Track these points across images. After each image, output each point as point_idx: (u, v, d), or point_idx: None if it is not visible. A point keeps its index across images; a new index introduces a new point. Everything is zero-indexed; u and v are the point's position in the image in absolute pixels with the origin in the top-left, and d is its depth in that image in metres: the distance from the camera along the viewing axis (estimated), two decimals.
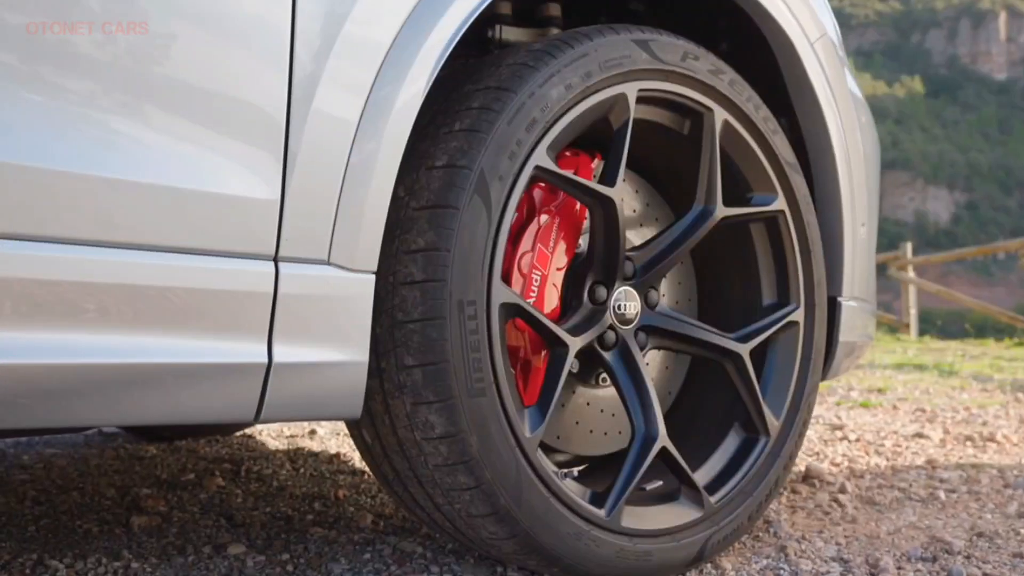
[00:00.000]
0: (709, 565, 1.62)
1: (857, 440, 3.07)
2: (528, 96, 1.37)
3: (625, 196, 1.73)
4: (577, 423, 1.65)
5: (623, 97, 1.48)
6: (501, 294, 1.34)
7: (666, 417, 1.80)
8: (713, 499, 1.59)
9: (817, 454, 2.82)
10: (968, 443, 3.01)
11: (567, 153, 1.60)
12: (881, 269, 12.48)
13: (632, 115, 1.50)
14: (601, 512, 1.45)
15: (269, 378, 1.15)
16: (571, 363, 1.44)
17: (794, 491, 2.27)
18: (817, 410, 3.89)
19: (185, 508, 2.08)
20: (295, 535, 1.83)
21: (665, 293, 1.78)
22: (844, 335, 1.90)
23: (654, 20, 1.82)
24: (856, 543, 1.77)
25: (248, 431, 3.17)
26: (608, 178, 1.49)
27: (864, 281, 1.98)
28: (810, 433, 3.23)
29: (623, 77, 1.48)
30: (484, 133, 1.33)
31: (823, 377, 1.91)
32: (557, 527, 1.38)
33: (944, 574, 1.58)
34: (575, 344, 1.44)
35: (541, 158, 1.38)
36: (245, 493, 2.24)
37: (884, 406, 4.01)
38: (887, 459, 2.73)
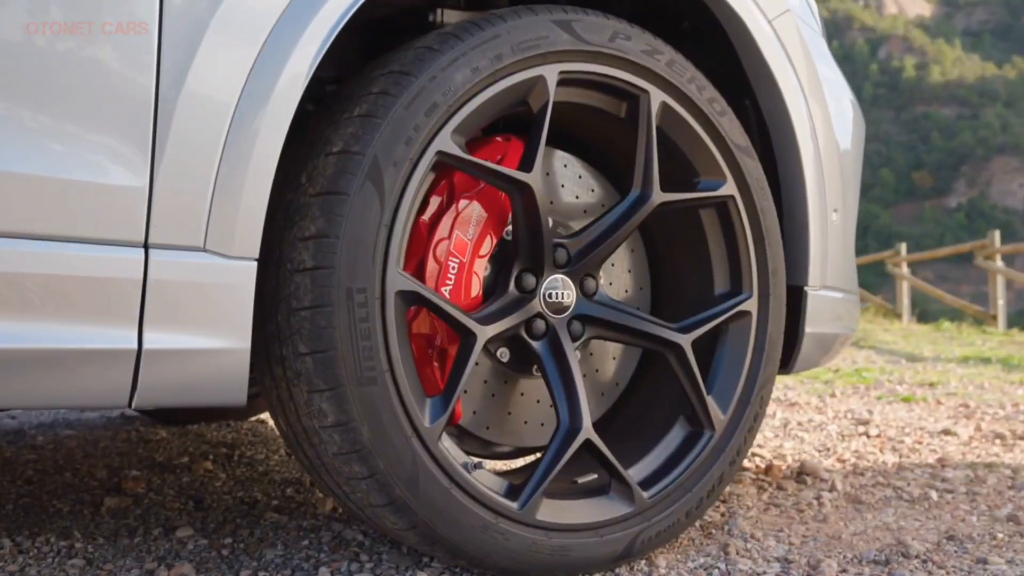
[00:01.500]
0: (643, 562, 1.57)
1: (877, 436, 2.95)
2: (429, 80, 1.34)
3: (566, 182, 1.69)
4: (510, 413, 1.61)
5: (541, 79, 1.44)
6: (397, 282, 1.32)
7: (615, 409, 1.77)
8: (646, 494, 1.54)
9: (828, 450, 2.71)
10: (997, 441, 2.86)
11: (498, 138, 1.57)
12: (968, 258, 11.96)
13: (552, 98, 1.45)
14: (514, 505, 1.42)
15: (140, 364, 1.16)
16: (478, 353, 1.40)
17: (780, 488, 2.19)
18: (852, 404, 3.75)
19: (162, 491, 2.12)
20: (250, 520, 1.85)
21: (612, 281, 1.73)
22: (813, 326, 1.81)
23: (618, 4, 1.76)
24: (811, 543, 1.69)
25: (262, 416, 3.23)
26: (525, 163, 1.45)
27: (840, 270, 1.89)
28: (831, 428, 3.12)
29: (541, 59, 1.44)
30: (380, 118, 1.31)
31: (788, 370, 1.84)
32: (460, 519, 1.36)
33: None
34: (484, 333, 1.41)
35: (444, 143, 1.35)
36: (228, 477, 2.28)
37: (928, 401, 3.83)
38: (900, 456, 2.61)
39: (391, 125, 1.31)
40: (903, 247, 13.44)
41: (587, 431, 1.49)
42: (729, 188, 1.64)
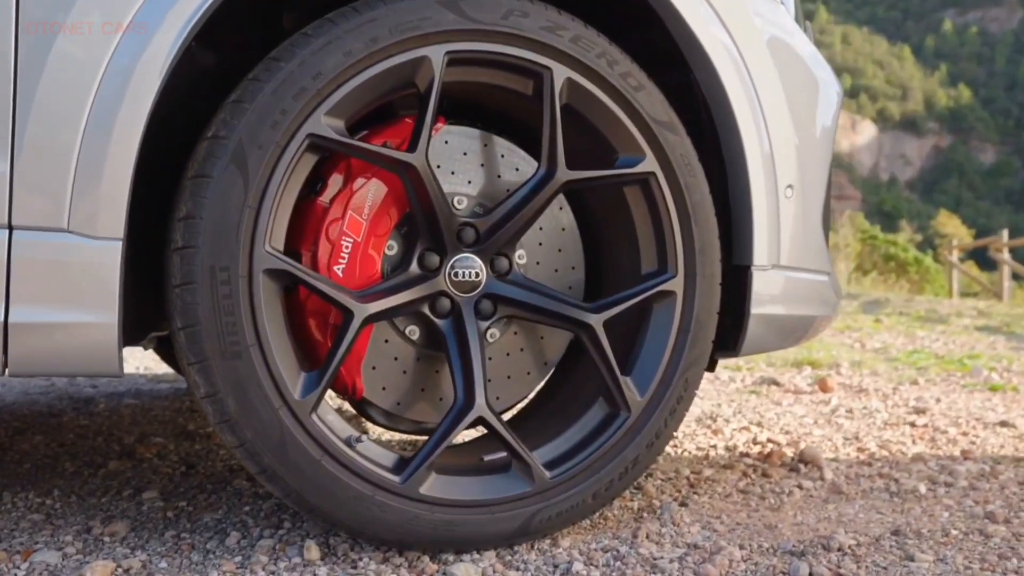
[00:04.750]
0: (547, 541, 1.57)
1: (924, 426, 2.77)
2: (298, 65, 1.38)
3: (487, 161, 1.69)
4: (423, 390, 1.64)
5: (426, 60, 1.45)
6: (265, 260, 1.37)
7: (546, 389, 1.77)
8: (550, 474, 1.54)
9: (856, 438, 2.58)
10: None
11: (407, 119, 1.59)
12: None
13: (438, 79, 1.46)
14: (396, 478, 1.45)
15: (8, 335, 1.27)
16: (355, 329, 1.43)
17: (765, 475, 2.11)
18: (928, 392, 3.53)
19: (167, 456, 2.28)
20: (218, 485, 1.97)
21: (540, 260, 1.71)
22: (763, 307, 1.74)
23: None
24: (737, 531, 1.64)
25: None
26: (411, 144, 1.47)
27: (802, 249, 1.80)
28: (880, 416, 2.96)
29: (423, 40, 1.45)
30: (247, 103, 1.36)
31: (735, 352, 1.77)
32: (332, 490, 1.41)
33: (784, 569, 1.43)
34: (363, 310, 1.44)
35: (316, 126, 1.39)
36: None
37: (1018, 391, 3.56)
38: (929, 448, 2.46)
39: (257, 109, 1.36)
40: None
41: (480, 409, 1.50)
42: (649, 164, 1.60)
